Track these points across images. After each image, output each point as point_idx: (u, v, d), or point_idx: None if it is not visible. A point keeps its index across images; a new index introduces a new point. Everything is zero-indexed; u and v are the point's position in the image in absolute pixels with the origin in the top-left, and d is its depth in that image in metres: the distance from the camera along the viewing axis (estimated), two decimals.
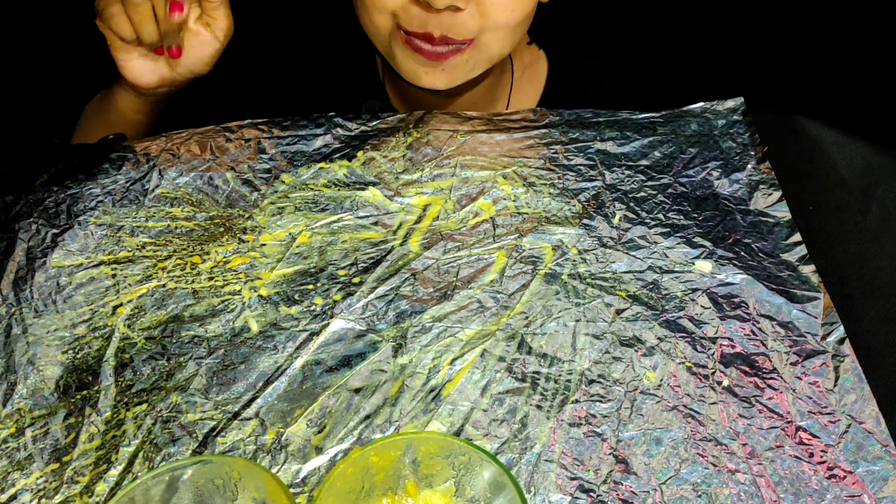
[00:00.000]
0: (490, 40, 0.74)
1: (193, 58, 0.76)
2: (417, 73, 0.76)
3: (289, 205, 0.67)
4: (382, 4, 0.72)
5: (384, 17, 0.73)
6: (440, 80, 0.76)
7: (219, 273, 0.62)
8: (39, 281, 0.61)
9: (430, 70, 0.75)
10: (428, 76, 0.75)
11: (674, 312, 0.58)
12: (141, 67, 0.76)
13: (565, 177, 0.69)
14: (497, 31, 0.73)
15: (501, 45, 0.75)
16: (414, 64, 0.75)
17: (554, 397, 0.53)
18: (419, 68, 0.75)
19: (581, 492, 0.48)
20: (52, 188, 0.68)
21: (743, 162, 0.70)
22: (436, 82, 0.76)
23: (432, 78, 0.75)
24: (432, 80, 0.76)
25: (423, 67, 0.75)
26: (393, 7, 0.72)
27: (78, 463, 0.50)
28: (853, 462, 0.50)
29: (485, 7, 0.71)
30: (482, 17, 0.72)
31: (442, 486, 0.46)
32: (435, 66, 0.74)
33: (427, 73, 0.75)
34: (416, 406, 0.53)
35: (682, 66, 0.92)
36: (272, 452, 0.50)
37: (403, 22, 0.72)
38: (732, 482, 0.49)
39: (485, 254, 0.63)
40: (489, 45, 0.75)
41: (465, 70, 0.76)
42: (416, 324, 0.58)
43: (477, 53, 0.75)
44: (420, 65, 0.75)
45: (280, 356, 0.56)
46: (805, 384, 0.54)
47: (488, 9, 0.71)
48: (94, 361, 0.56)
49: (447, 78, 0.76)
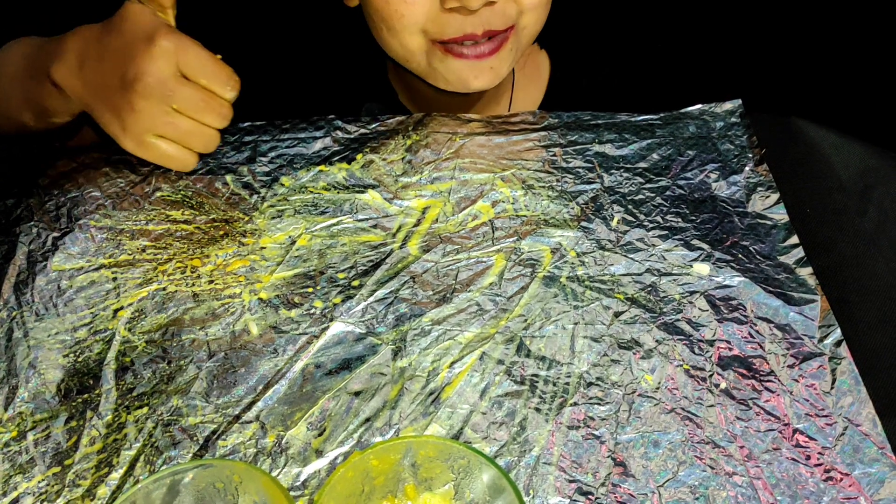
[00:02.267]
0: (527, 22, 0.74)
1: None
2: (466, 80, 0.75)
3: (288, 208, 0.67)
4: (412, 22, 0.71)
5: (416, 38, 0.72)
6: (489, 79, 0.75)
7: (219, 276, 0.62)
8: (40, 284, 0.61)
9: (478, 73, 0.74)
10: (478, 80, 0.75)
11: (672, 315, 0.59)
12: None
13: (564, 179, 0.70)
14: (532, 12, 0.73)
15: (537, 24, 0.76)
16: (461, 72, 0.74)
17: (552, 400, 0.53)
18: (467, 74, 0.74)
19: (579, 494, 0.49)
20: (53, 191, 0.68)
21: (741, 164, 0.70)
22: (485, 82, 0.75)
23: (483, 80, 0.75)
24: (483, 81, 0.75)
25: (471, 72, 0.74)
26: (423, 22, 0.71)
27: (79, 466, 0.50)
28: (850, 464, 0.50)
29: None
30: (516, 4, 0.72)
31: (441, 490, 0.46)
32: (482, 66, 0.74)
33: (476, 76, 0.74)
34: (415, 409, 0.53)
35: (681, 68, 0.92)
36: (272, 455, 0.51)
37: (438, 34, 0.71)
38: (730, 484, 0.49)
39: (483, 256, 0.63)
40: (527, 27, 0.75)
41: (509, 61, 0.76)
42: (416, 327, 0.58)
43: (517, 39, 0.75)
44: (467, 70, 0.74)
45: (280, 359, 0.56)
46: (802, 387, 0.54)
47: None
48: (94, 365, 0.56)
49: (495, 74, 0.75)
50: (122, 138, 0.65)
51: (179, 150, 0.66)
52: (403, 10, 0.70)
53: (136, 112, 0.63)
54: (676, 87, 0.87)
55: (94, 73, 0.65)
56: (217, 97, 0.65)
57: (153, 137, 0.65)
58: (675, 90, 0.85)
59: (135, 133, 0.65)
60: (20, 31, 0.84)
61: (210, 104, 0.64)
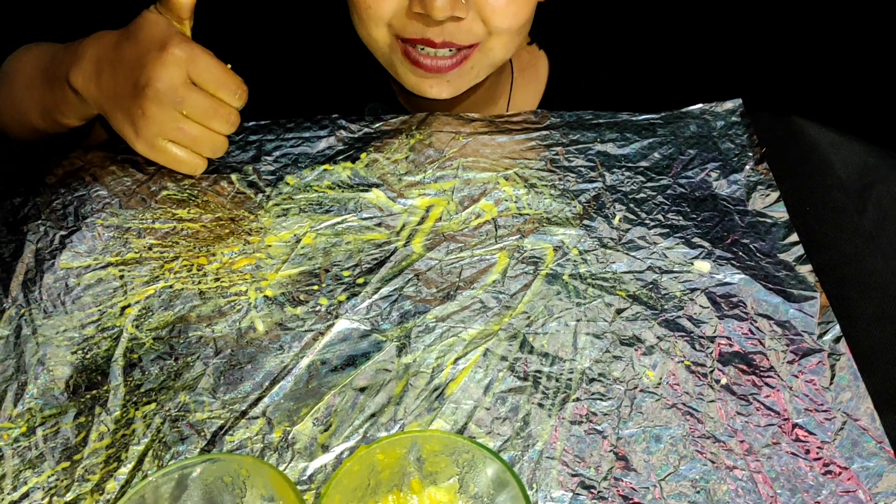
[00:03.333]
0: (493, 46, 0.74)
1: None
2: (420, 86, 0.76)
3: (293, 206, 0.68)
4: (378, 16, 0.72)
5: (381, 30, 0.73)
6: (445, 91, 0.76)
7: (225, 274, 0.63)
8: (48, 282, 0.62)
9: (433, 83, 0.75)
10: (433, 88, 0.75)
11: (673, 312, 0.59)
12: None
13: (566, 178, 0.70)
14: (500, 37, 0.73)
15: (505, 50, 0.75)
16: (416, 77, 0.75)
17: (555, 396, 0.54)
18: (422, 81, 0.75)
19: (582, 488, 0.49)
20: (60, 190, 0.69)
21: (741, 163, 0.71)
22: (441, 92, 0.76)
23: (437, 89, 0.76)
24: (437, 90, 0.76)
25: (426, 82, 0.75)
26: (389, 17, 0.72)
27: (88, 461, 0.51)
28: (848, 458, 0.51)
29: (486, 14, 0.71)
30: (484, 24, 0.72)
31: (446, 483, 0.47)
32: (439, 77, 0.75)
33: (431, 86, 0.75)
34: (420, 405, 0.54)
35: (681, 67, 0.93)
36: (279, 450, 0.51)
37: (400, 31, 0.72)
38: (730, 478, 0.50)
39: (487, 254, 0.64)
40: (492, 50, 0.74)
41: (469, 78, 0.76)
42: (420, 324, 0.59)
43: (481, 60, 0.75)
44: (423, 77, 0.75)
45: (286, 356, 0.57)
46: (801, 382, 0.55)
47: (489, 16, 0.71)
48: (103, 361, 0.57)
49: (452, 87, 0.76)
50: (135, 142, 0.67)
51: (189, 155, 0.68)
52: (371, 2, 0.71)
53: (148, 117, 0.65)
54: (677, 86, 0.88)
55: (110, 79, 0.67)
56: (225, 105, 0.66)
57: (164, 142, 0.66)
58: (676, 90, 0.86)
59: (147, 137, 0.66)
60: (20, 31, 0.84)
61: (218, 111, 0.66)
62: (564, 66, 0.91)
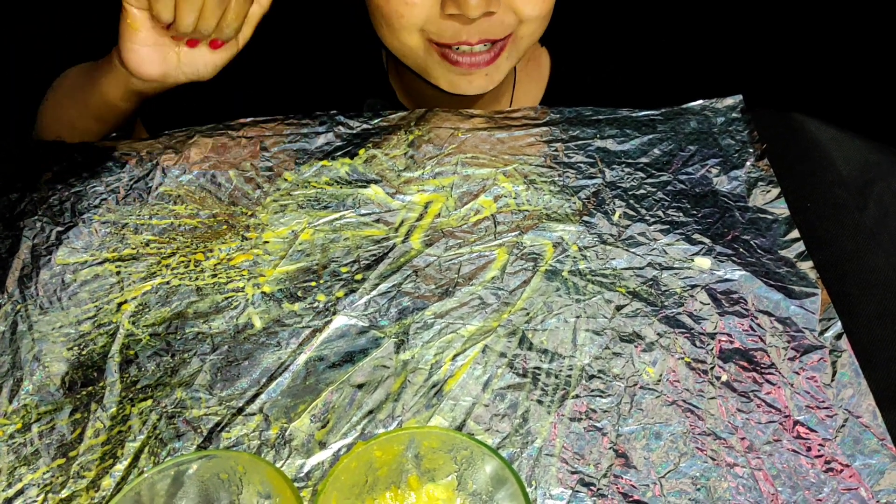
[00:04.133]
0: (524, 33, 0.75)
1: (207, 59, 0.72)
2: (459, 85, 0.76)
3: (291, 202, 0.68)
4: (411, 23, 0.72)
5: (414, 36, 0.73)
6: (483, 84, 0.76)
7: (222, 270, 0.62)
8: (44, 278, 0.61)
9: (472, 79, 0.75)
10: (471, 85, 0.76)
11: (673, 308, 0.59)
12: (149, 57, 0.70)
13: (566, 174, 0.70)
14: (530, 24, 0.74)
15: (533, 37, 0.76)
16: (455, 77, 0.75)
17: (555, 392, 0.54)
18: (460, 80, 0.75)
19: (582, 485, 0.49)
20: (57, 186, 0.68)
21: (742, 159, 0.71)
22: (480, 87, 0.76)
23: (476, 85, 0.76)
24: (477, 85, 0.76)
25: (464, 78, 0.75)
26: (422, 23, 0.72)
27: (84, 458, 0.50)
28: (850, 456, 0.50)
29: (516, 5, 0.71)
30: (515, 14, 0.72)
31: (444, 480, 0.47)
32: (477, 73, 0.75)
33: (470, 82, 0.75)
34: (418, 401, 0.53)
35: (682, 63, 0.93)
36: (276, 447, 0.51)
37: (435, 36, 0.72)
38: (731, 476, 0.49)
39: (486, 251, 0.64)
40: (524, 38, 0.75)
41: (506, 68, 0.77)
42: (418, 320, 0.58)
43: (515, 47, 0.76)
44: (461, 76, 0.75)
45: (283, 352, 0.57)
46: (803, 379, 0.54)
47: (520, 6, 0.71)
48: (99, 358, 0.56)
49: (489, 80, 0.76)
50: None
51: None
52: (403, 10, 0.71)
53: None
54: (678, 82, 0.88)
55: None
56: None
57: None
58: (677, 86, 0.85)
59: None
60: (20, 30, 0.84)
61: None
62: (567, 63, 0.90)
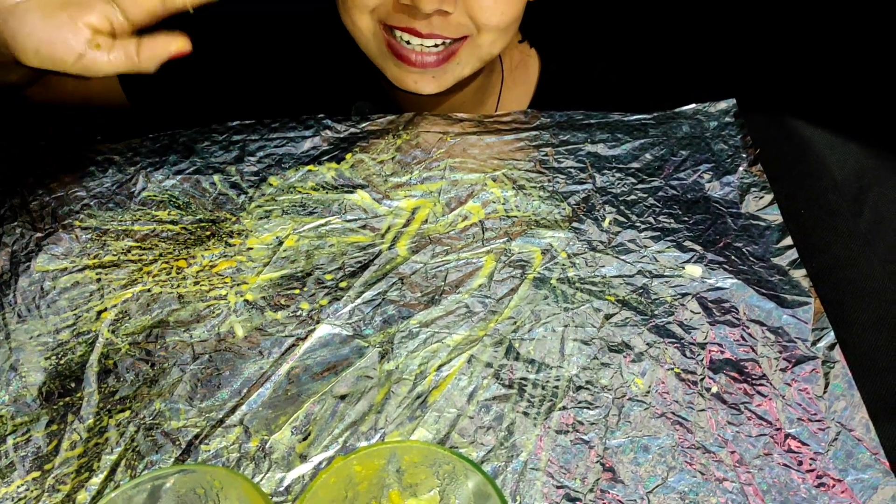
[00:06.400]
0: (482, 42, 0.73)
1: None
2: (404, 79, 0.74)
3: (276, 208, 0.67)
4: (363, 4, 0.71)
5: (365, 17, 0.72)
6: (429, 86, 0.75)
7: (205, 277, 0.61)
8: (23, 286, 0.60)
9: (418, 78, 0.74)
10: (417, 83, 0.74)
11: (663, 317, 0.58)
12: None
13: (555, 180, 0.69)
14: (489, 34, 0.72)
15: (493, 47, 0.74)
16: (401, 71, 0.74)
17: (541, 404, 0.53)
18: (406, 74, 0.74)
19: (567, 500, 0.48)
20: (38, 191, 0.67)
21: (734, 164, 0.69)
22: (424, 87, 0.75)
23: (421, 84, 0.74)
24: (421, 85, 0.75)
25: (410, 77, 0.74)
26: (374, 5, 0.70)
27: (60, 471, 0.49)
28: (842, 470, 0.49)
29: (473, 10, 0.70)
30: (471, 20, 0.71)
31: (426, 496, 0.46)
32: (423, 72, 0.73)
33: (416, 80, 0.74)
34: (401, 413, 0.52)
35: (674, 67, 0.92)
36: (256, 460, 0.50)
37: (385, 18, 0.71)
38: (720, 490, 0.48)
39: (473, 258, 0.62)
40: (481, 47, 0.74)
41: (455, 74, 0.75)
42: (403, 329, 0.57)
43: (469, 55, 0.74)
44: (407, 72, 0.74)
45: (265, 362, 0.55)
46: (795, 391, 0.53)
47: (477, 12, 0.70)
48: (77, 367, 0.55)
49: (436, 83, 0.75)
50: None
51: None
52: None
53: None
54: (670, 86, 0.87)
55: None
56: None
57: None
58: (669, 89, 0.85)
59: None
60: None
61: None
62: (556, 66, 0.89)
